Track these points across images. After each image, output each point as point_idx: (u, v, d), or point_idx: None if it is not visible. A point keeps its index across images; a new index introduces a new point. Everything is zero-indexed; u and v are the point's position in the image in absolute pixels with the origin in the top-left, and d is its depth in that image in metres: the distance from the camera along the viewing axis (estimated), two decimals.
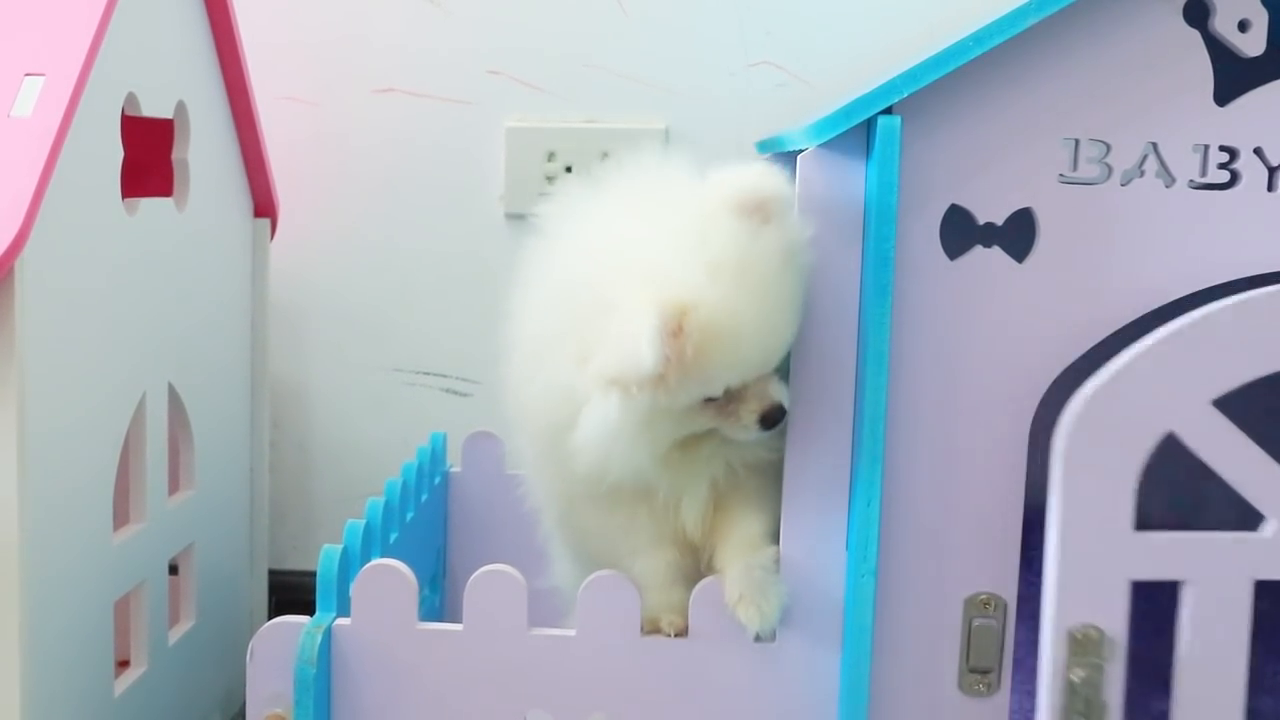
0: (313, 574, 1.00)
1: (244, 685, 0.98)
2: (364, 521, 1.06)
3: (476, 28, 1.55)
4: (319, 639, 0.95)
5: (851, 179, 0.92)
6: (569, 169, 1.53)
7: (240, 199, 1.41)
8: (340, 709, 0.97)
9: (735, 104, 1.53)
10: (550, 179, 1.54)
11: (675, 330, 0.85)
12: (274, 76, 1.52)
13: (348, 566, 1.01)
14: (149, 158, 1.25)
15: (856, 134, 0.91)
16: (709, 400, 0.91)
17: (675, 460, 0.96)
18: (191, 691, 1.31)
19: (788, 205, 0.91)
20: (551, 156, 1.54)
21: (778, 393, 0.92)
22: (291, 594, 1.52)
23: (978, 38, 0.88)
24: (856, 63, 1.49)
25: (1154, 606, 0.91)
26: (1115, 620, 0.88)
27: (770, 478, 0.98)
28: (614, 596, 0.97)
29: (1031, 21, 0.88)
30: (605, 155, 1.51)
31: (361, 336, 1.59)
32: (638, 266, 0.89)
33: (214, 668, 1.36)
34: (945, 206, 0.92)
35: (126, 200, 1.13)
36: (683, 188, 0.94)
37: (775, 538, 0.96)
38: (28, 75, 1.00)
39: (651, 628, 0.98)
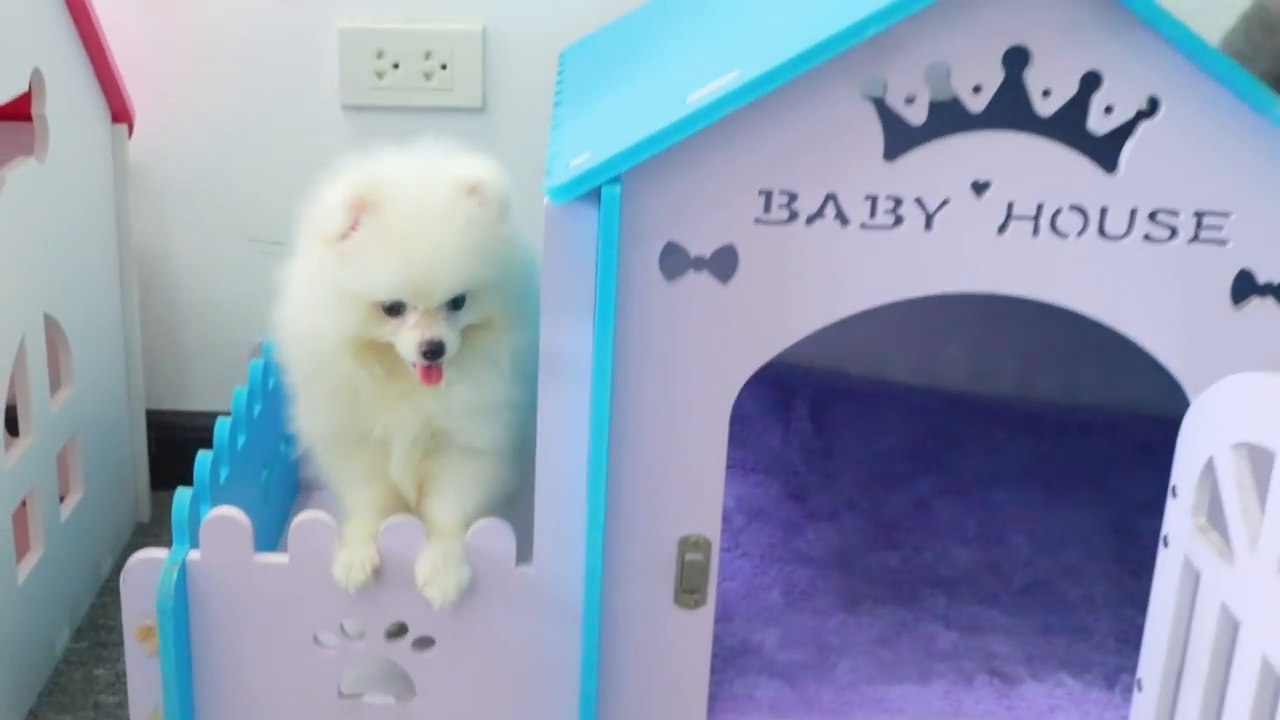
0: (190, 414, 1.24)
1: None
2: (211, 453, 1.30)
3: None
4: (175, 575, 1.20)
5: (587, 222, 1.12)
6: (396, 65, 1.70)
7: (96, 110, 1.57)
8: (197, 627, 1.23)
9: (549, 6, 1.68)
10: (380, 74, 1.70)
11: (362, 203, 1.11)
12: None
13: (199, 500, 1.25)
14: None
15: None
16: (389, 313, 1.13)
17: (390, 400, 1.19)
18: (82, 558, 1.55)
19: (500, 198, 1.15)
20: (380, 54, 1.70)
21: (441, 332, 1.13)
22: (169, 433, 1.76)
23: (690, 120, 1.07)
24: None
25: None
26: None
27: (480, 467, 1.22)
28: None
29: (731, 110, 1.07)
30: (428, 54, 1.68)
31: (220, 209, 1.77)
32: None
33: (101, 534, 1.60)
34: (664, 242, 1.12)
35: None
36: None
37: (469, 523, 1.21)
38: None
39: (343, 573, 1.19)
